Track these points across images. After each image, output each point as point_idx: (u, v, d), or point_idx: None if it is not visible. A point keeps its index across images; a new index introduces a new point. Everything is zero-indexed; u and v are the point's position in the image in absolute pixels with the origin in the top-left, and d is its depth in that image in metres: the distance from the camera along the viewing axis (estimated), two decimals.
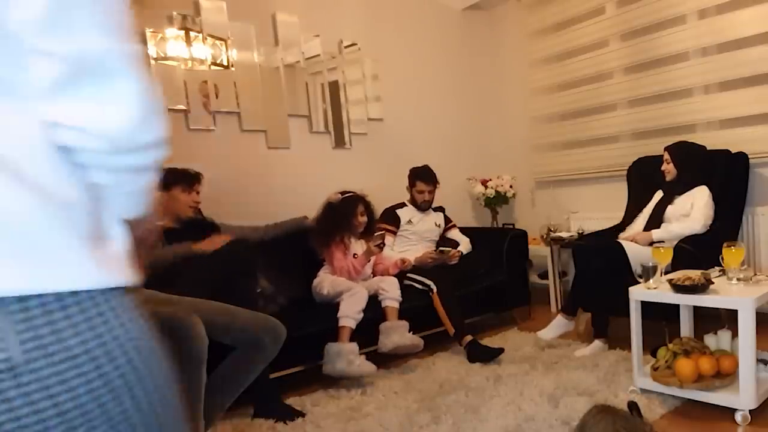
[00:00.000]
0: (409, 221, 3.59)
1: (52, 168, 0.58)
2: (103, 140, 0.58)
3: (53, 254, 0.56)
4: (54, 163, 0.58)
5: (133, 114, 0.59)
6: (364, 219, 3.22)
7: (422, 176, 3.60)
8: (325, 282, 3.07)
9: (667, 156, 3.26)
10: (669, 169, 3.25)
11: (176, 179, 2.68)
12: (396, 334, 2.87)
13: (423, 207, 3.63)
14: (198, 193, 2.78)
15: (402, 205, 3.67)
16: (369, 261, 3.23)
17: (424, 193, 3.60)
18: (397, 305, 2.99)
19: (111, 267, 0.59)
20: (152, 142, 0.62)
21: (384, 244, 3.20)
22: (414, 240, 3.59)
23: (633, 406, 1.70)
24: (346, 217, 3.16)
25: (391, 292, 2.99)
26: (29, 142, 0.56)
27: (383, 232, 3.32)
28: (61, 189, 0.58)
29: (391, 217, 3.59)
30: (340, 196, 3.22)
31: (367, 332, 2.84)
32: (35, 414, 0.52)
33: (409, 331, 2.90)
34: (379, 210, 3.65)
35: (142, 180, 0.65)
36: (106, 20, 0.57)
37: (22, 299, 0.53)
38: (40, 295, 0.54)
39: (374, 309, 2.93)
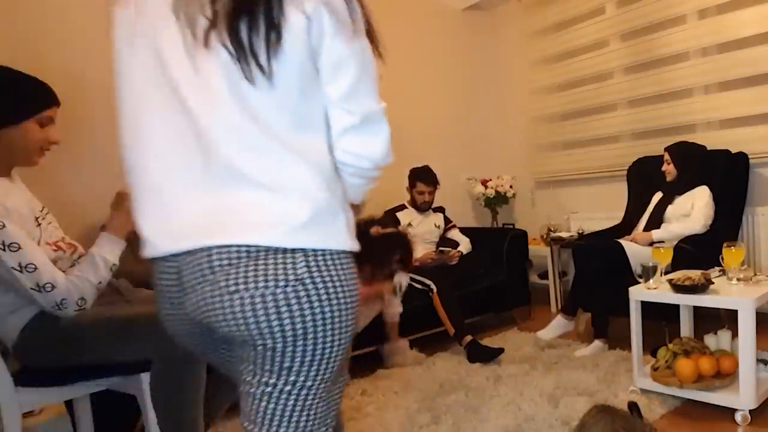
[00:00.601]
0: (409, 224, 3.59)
1: (335, 174, 0.95)
2: (369, 161, 0.97)
3: (332, 228, 0.92)
4: (335, 171, 0.96)
5: (386, 146, 0.98)
6: (398, 266, 2.96)
7: (422, 177, 3.60)
8: None
9: (667, 156, 3.26)
10: (669, 169, 3.25)
11: None
12: (399, 356, 2.99)
13: (423, 208, 3.63)
14: None
15: (402, 207, 3.67)
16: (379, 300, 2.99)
17: (424, 194, 3.60)
18: (397, 319, 3.02)
19: (350, 237, 0.95)
20: (387, 163, 1.00)
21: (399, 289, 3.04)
22: (414, 242, 3.59)
23: (633, 406, 1.70)
24: (381, 256, 2.88)
25: (391, 306, 3.00)
26: (329, 158, 0.94)
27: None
28: (338, 187, 0.95)
29: (391, 220, 3.59)
30: (380, 229, 2.97)
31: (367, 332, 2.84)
32: (310, 309, 0.88)
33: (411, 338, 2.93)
34: (378, 213, 3.65)
35: (372, 183, 1.03)
36: (374, 90, 0.98)
37: (315, 251, 0.89)
38: (323, 250, 0.90)
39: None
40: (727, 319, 2.58)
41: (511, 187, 4.46)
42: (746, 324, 2.07)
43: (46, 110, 1.67)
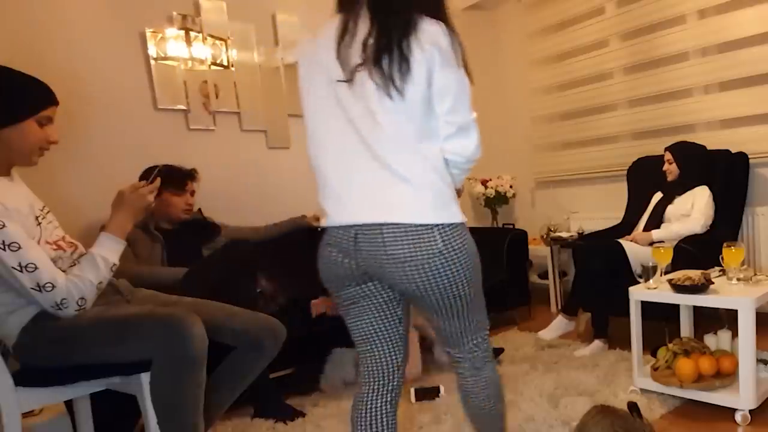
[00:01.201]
0: None
1: (444, 169, 1.34)
2: (463, 157, 1.35)
3: (449, 206, 1.31)
4: (446, 167, 1.34)
5: (476, 146, 1.35)
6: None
7: None
8: None
9: (669, 156, 3.25)
10: (671, 169, 3.25)
11: (166, 182, 2.62)
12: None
13: None
14: (192, 193, 2.73)
15: None
16: None
17: None
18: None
19: (460, 212, 1.34)
20: (478, 158, 1.38)
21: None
22: None
23: (633, 406, 1.70)
24: None
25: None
26: (440, 157, 1.33)
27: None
28: (446, 176, 1.34)
29: None
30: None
31: None
32: (449, 268, 1.30)
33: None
34: None
35: (467, 173, 1.42)
36: (468, 105, 1.33)
37: (442, 225, 1.28)
38: (450, 224, 1.29)
39: None
40: (727, 319, 2.58)
41: (511, 187, 4.46)
42: (746, 324, 2.07)
43: (45, 110, 1.66)
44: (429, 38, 1.26)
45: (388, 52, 1.25)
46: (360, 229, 1.31)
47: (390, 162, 1.28)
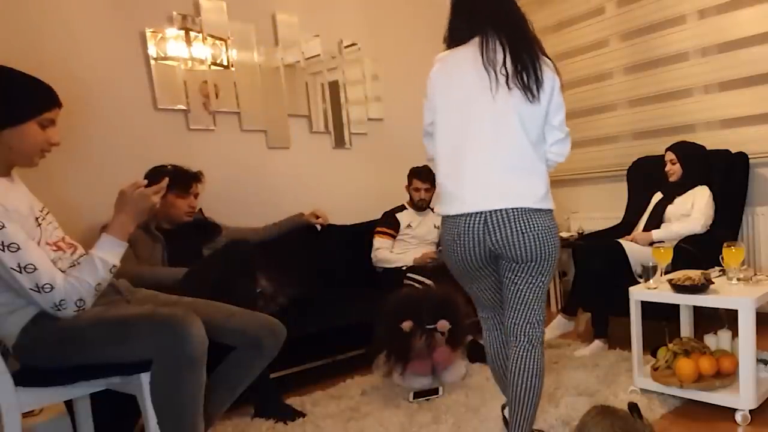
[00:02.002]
0: (408, 225, 3.59)
1: (545, 165, 1.80)
2: (563, 157, 1.87)
3: (549, 197, 1.77)
4: (545, 164, 1.80)
5: (568, 150, 1.87)
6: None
7: (418, 174, 3.60)
8: None
9: (672, 156, 3.25)
10: (674, 170, 3.24)
11: (171, 184, 2.62)
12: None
13: (420, 206, 3.62)
14: (196, 196, 2.73)
15: (402, 208, 3.66)
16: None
17: (420, 191, 3.59)
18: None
19: (551, 200, 1.78)
20: (568, 154, 1.88)
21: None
22: (414, 243, 3.59)
23: (633, 407, 1.70)
24: (415, 350, 2.69)
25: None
26: (543, 157, 1.80)
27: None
28: (545, 169, 1.79)
29: (391, 221, 3.59)
30: (411, 325, 2.67)
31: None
32: (539, 243, 1.73)
33: None
34: (379, 213, 3.65)
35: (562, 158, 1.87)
36: (564, 118, 1.83)
37: (547, 210, 1.76)
38: (549, 210, 1.76)
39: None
40: (727, 319, 2.58)
41: None
42: (746, 324, 2.07)
43: (48, 112, 1.66)
44: (549, 66, 1.78)
45: (526, 70, 1.70)
46: (490, 213, 1.71)
47: (518, 159, 1.71)
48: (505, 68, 1.69)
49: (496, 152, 1.70)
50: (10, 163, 1.68)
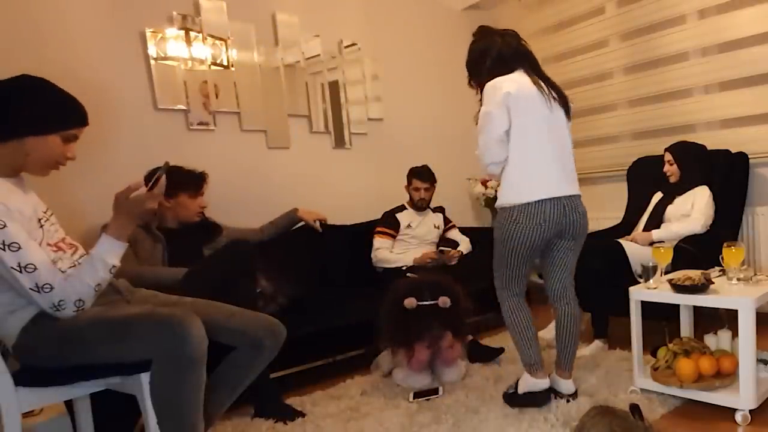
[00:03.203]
0: (408, 225, 3.59)
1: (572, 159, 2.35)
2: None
3: (575, 182, 2.31)
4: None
5: None
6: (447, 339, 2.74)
7: (418, 174, 3.60)
8: None
9: (670, 157, 3.25)
10: (672, 170, 3.24)
11: (182, 185, 2.64)
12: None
13: (420, 206, 3.62)
14: (203, 195, 2.76)
15: (402, 208, 3.66)
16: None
17: (420, 191, 3.59)
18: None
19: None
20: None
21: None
22: (414, 243, 3.59)
23: (635, 408, 1.70)
24: (420, 329, 2.67)
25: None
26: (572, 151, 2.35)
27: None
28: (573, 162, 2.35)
29: (391, 221, 3.59)
30: (415, 302, 2.66)
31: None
32: (586, 222, 2.34)
33: None
34: (379, 213, 3.65)
35: None
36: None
37: (575, 196, 2.29)
38: (579, 195, 2.32)
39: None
40: (727, 319, 2.58)
41: None
42: (746, 324, 2.07)
43: (74, 128, 1.73)
44: (563, 93, 2.35)
45: (562, 99, 2.31)
46: (564, 200, 2.22)
47: (567, 160, 2.27)
48: (552, 93, 2.26)
49: (562, 153, 2.24)
50: (22, 167, 1.70)
